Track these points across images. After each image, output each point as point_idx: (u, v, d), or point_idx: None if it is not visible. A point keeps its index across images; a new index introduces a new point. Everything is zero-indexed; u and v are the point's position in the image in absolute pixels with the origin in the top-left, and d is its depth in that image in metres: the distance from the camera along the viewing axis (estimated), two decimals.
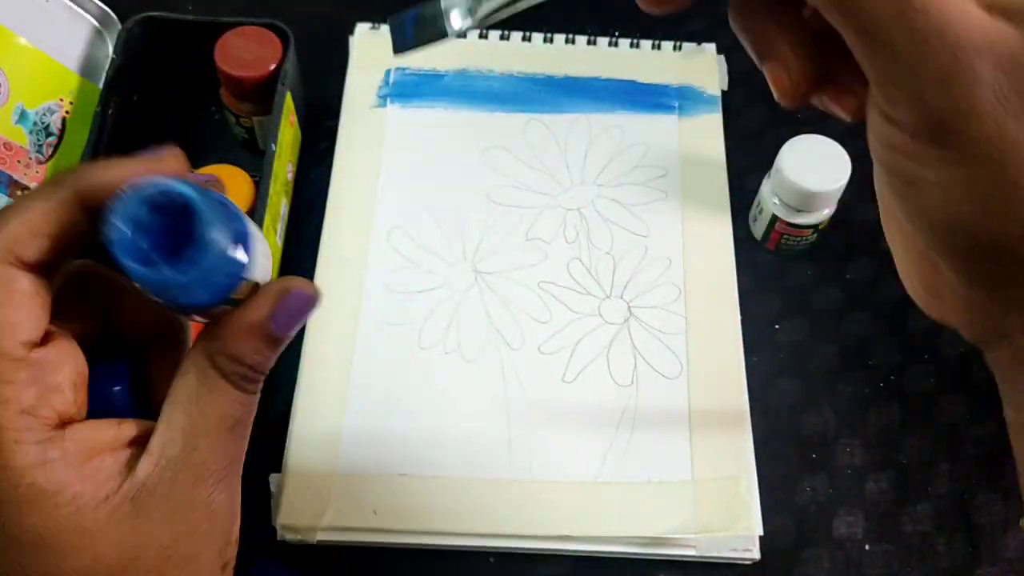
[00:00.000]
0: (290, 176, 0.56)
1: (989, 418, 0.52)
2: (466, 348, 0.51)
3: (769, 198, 0.54)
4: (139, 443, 0.27)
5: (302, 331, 0.51)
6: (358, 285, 0.53)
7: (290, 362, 0.51)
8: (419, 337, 0.52)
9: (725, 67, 0.62)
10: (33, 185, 0.51)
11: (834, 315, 0.55)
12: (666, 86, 0.61)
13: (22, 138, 0.51)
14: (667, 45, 0.62)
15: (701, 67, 0.62)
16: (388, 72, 0.60)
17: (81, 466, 0.26)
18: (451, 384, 0.50)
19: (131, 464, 0.27)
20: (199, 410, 0.27)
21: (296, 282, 0.28)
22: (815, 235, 0.55)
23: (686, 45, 0.62)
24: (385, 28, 0.62)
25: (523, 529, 0.46)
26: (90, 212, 0.27)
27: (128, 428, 0.28)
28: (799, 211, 0.53)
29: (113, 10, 0.58)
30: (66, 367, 0.27)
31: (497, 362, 0.51)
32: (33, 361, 0.26)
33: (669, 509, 0.47)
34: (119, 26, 0.57)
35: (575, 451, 0.48)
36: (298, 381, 0.50)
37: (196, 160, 0.53)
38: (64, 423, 0.27)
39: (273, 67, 0.54)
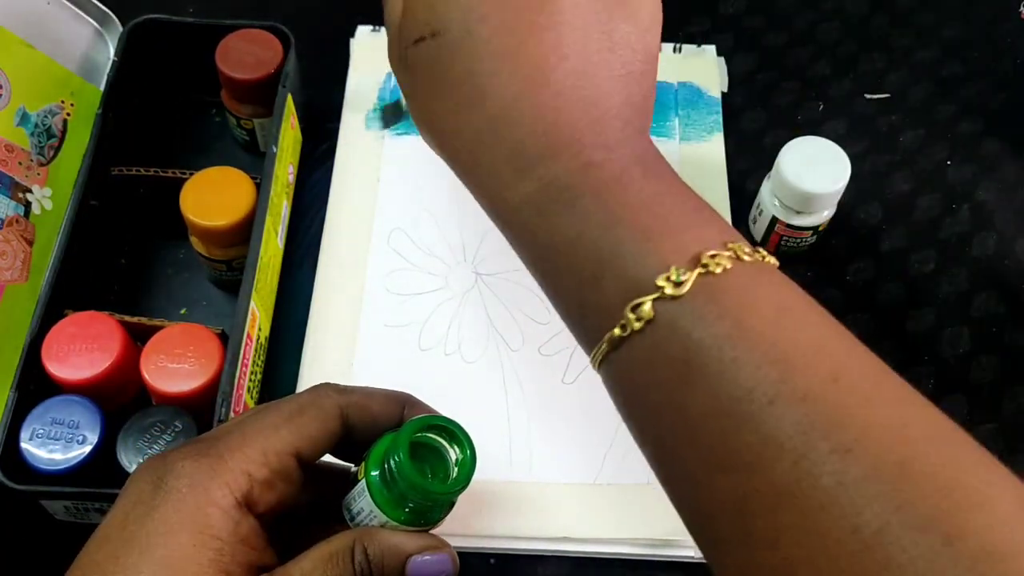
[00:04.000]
0: (291, 178, 0.56)
1: (990, 419, 0.52)
2: (466, 349, 0.51)
3: (769, 200, 0.54)
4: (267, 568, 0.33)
5: (303, 331, 0.52)
6: (358, 287, 0.53)
7: (291, 363, 0.51)
8: (419, 339, 0.52)
9: (725, 69, 0.62)
10: (35, 187, 0.51)
11: (833, 316, 0.55)
12: (666, 87, 0.61)
13: (23, 140, 0.51)
14: (667, 47, 0.62)
15: (701, 68, 0.62)
16: (389, 73, 0.60)
17: None
18: (452, 385, 0.50)
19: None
20: (321, 571, 0.33)
21: (453, 553, 0.35)
22: (815, 236, 0.55)
23: (686, 47, 0.63)
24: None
25: (523, 530, 0.47)
26: (345, 425, 0.36)
27: (269, 557, 0.34)
28: (799, 213, 0.53)
29: (114, 12, 0.58)
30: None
31: (497, 363, 0.51)
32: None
33: (668, 511, 0.47)
34: (120, 28, 0.58)
35: (575, 452, 0.49)
36: (299, 382, 0.50)
37: (197, 162, 0.53)
38: None
39: (274, 69, 0.54)
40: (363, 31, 0.62)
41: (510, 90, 0.32)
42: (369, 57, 0.61)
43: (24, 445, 0.43)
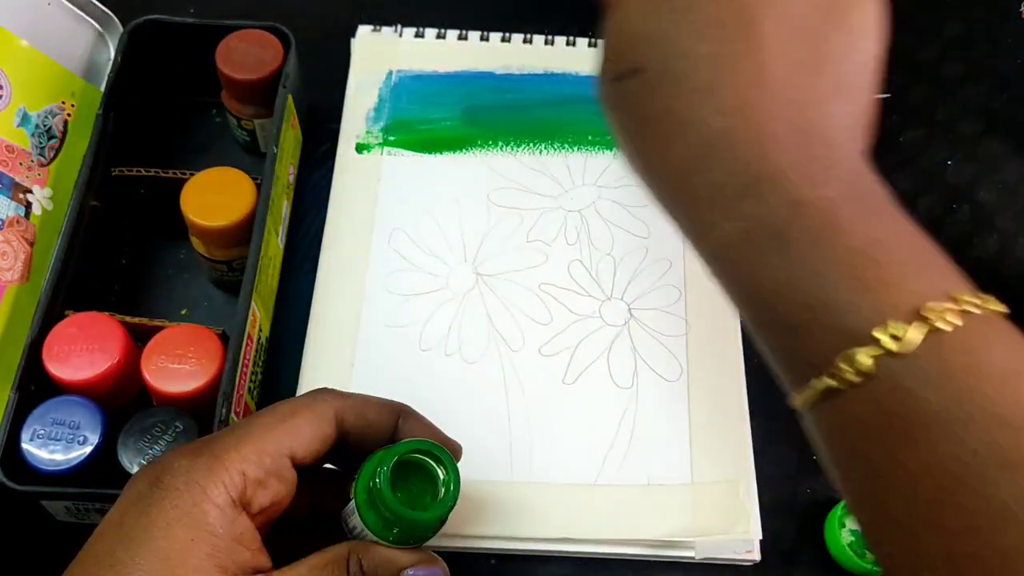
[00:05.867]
0: (291, 178, 0.56)
1: None
2: (467, 350, 0.51)
3: None
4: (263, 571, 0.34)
5: (304, 332, 0.52)
6: (359, 287, 0.53)
7: (292, 364, 0.51)
8: (420, 339, 0.52)
9: None
10: (35, 188, 0.51)
11: None
12: None
13: (24, 141, 0.51)
14: None
15: None
16: (390, 73, 0.60)
17: None
18: (452, 386, 0.51)
19: None
20: None
21: (445, 568, 0.36)
22: None
23: None
24: (386, 30, 0.62)
25: (523, 531, 0.47)
26: (339, 428, 0.37)
27: (263, 559, 0.34)
28: None
29: (115, 13, 0.58)
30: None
31: (498, 364, 0.51)
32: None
33: (669, 512, 0.47)
34: (121, 29, 0.58)
35: (575, 453, 0.49)
36: (300, 383, 0.50)
37: (197, 162, 0.53)
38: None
39: (274, 69, 0.54)
40: (363, 31, 0.62)
41: (710, 126, 0.30)
42: (369, 57, 0.61)
43: (25, 446, 0.43)
